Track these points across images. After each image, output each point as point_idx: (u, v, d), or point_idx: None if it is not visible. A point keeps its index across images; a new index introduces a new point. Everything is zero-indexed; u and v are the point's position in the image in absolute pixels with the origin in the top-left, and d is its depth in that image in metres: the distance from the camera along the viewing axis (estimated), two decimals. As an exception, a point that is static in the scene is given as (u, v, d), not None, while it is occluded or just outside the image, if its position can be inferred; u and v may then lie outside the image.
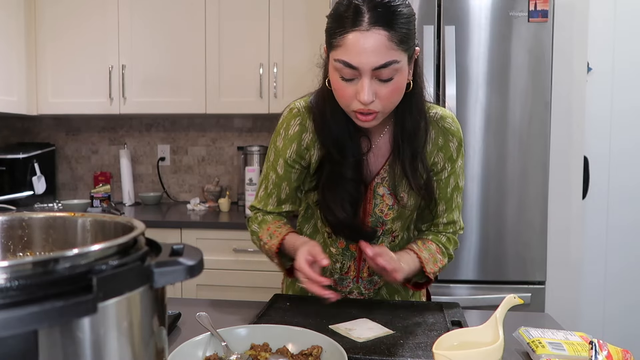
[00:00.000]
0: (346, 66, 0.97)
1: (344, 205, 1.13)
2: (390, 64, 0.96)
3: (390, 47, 0.96)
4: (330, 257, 1.27)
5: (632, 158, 2.78)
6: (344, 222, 1.15)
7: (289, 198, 1.24)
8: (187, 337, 0.87)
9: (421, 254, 1.16)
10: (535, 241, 2.12)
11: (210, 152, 3.11)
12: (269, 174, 1.23)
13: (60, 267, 0.38)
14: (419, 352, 0.91)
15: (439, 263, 1.20)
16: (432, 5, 2.08)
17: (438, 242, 1.22)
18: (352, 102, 1.01)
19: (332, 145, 1.12)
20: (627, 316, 2.78)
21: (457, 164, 1.20)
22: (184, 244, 0.51)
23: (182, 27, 2.71)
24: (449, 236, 1.25)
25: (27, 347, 0.35)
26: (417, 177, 1.13)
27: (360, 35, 0.95)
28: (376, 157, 1.18)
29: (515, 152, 2.10)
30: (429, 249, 1.19)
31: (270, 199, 1.24)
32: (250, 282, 2.41)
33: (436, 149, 1.17)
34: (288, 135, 1.18)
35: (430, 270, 1.16)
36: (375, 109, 1.01)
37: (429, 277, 1.18)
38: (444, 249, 1.22)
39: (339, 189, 1.13)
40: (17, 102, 2.71)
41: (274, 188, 1.23)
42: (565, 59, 2.22)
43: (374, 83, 0.98)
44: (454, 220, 1.24)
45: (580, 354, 0.87)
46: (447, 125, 1.17)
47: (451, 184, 1.21)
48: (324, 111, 1.12)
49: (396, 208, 1.19)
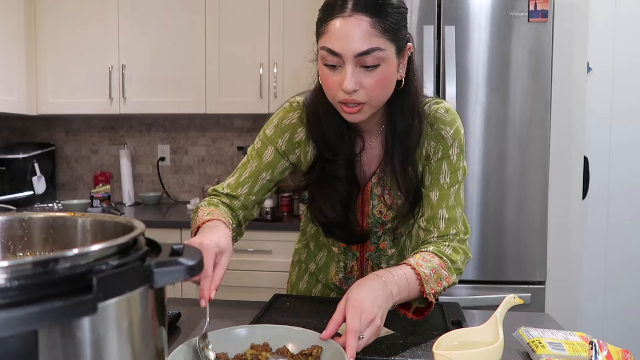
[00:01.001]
0: (329, 53, 0.96)
1: (334, 205, 1.11)
2: (372, 50, 0.94)
3: (373, 34, 0.94)
4: (333, 257, 1.26)
5: (632, 158, 2.78)
6: (333, 222, 1.13)
7: (262, 191, 1.16)
8: (187, 337, 0.87)
9: (420, 269, 0.97)
10: (535, 241, 2.11)
11: (210, 152, 3.11)
12: (250, 161, 1.16)
13: (60, 267, 0.38)
14: (419, 352, 0.91)
15: (444, 281, 1.01)
16: (432, 5, 2.08)
17: (441, 254, 1.05)
18: (337, 92, 0.98)
19: (323, 143, 1.10)
20: (627, 313, 2.78)
21: (452, 152, 1.10)
22: (184, 244, 0.51)
23: (182, 27, 2.71)
24: (455, 246, 1.08)
25: (27, 347, 0.35)
26: (406, 179, 1.09)
27: (342, 21, 0.94)
28: (371, 157, 1.15)
29: (515, 152, 2.10)
30: (430, 264, 1.00)
31: (240, 188, 1.15)
32: (251, 282, 2.41)
33: (428, 138, 1.11)
34: (281, 125, 1.15)
35: (430, 291, 0.97)
36: (360, 100, 0.98)
37: (429, 302, 0.99)
38: (450, 262, 1.05)
39: (330, 188, 1.11)
40: (17, 102, 2.71)
41: (250, 177, 1.15)
42: (565, 59, 2.22)
43: (358, 72, 0.96)
44: (455, 217, 1.09)
45: (580, 354, 0.87)
46: (438, 115, 1.10)
47: (444, 170, 1.10)
48: (317, 107, 1.10)
49: (394, 208, 1.16)
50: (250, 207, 1.17)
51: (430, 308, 1.00)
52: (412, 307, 1.03)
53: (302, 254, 1.35)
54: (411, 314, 1.03)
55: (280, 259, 2.36)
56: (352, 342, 0.83)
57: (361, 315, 0.85)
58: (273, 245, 2.40)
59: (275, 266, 2.38)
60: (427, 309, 1.01)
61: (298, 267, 1.37)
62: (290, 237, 2.22)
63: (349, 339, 0.83)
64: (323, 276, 1.29)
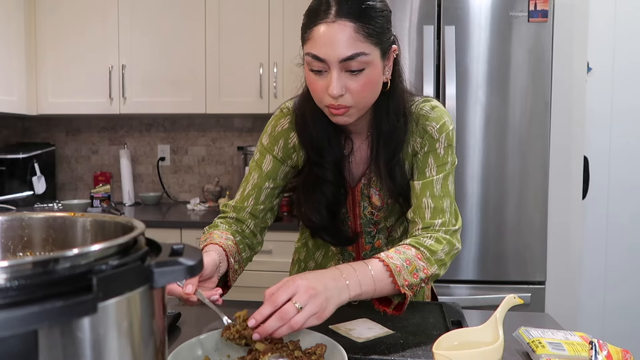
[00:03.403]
0: (314, 59, 0.96)
1: (319, 209, 1.12)
2: (357, 55, 0.94)
3: (357, 39, 0.94)
4: (332, 257, 1.27)
5: (632, 158, 2.78)
6: (318, 225, 1.14)
7: (269, 199, 1.19)
8: (187, 337, 0.87)
9: (390, 261, 0.94)
10: (535, 241, 2.12)
11: (210, 152, 3.11)
12: (251, 174, 1.19)
13: (60, 267, 0.38)
14: (419, 352, 0.90)
15: (421, 272, 0.97)
16: (432, 5, 2.08)
17: (420, 245, 1.01)
18: (324, 96, 0.99)
19: (310, 147, 1.11)
20: (627, 313, 2.78)
21: (438, 146, 1.08)
22: (184, 244, 0.51)
23: (182, 27, 2.71)
24: (438, 236, 1.03)
25: (27, 347, 0.35)
26: (391, 180, 1.09)
27: (326, 27, 0.94)
28: (361, 159, 1.16)
29: (515, 152, 2.10)
30: (404, 255, 0.97)
31: (247, 202, 1.18)
32: (251, 282, 2.41)
33: (414, 135, 1.11)
34: (275, 133, 1.17)
35: (403, 282, 0.93)
36: (347, 104, 0.98)
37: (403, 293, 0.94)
38: (429, 253, 1.01)
39: (316, 192, 1.12)
40: (17, 102, 2.71)
41: (253, 189, 1.17)
42: (565, 59, 2.22)
43: (344, 76, 0.96)
44: (442, 208, 1.05)
45: (580, 354, 0.87)
46: (423, 112, 1.10)
47: (431, 163, 1.09)
48: (305, 112, 1.11)
49: (385, 209, 1.17)
50: (260, 216, 1.20)
51: (406, 301, 0.96)
52: (393, 304, 1.00)
53: (302, 253, 1.35)
54: (391, 310, 0.99)
55: (280, 259, 2.36)
56: (265, 309, 0.81)
57: (296, 291, 0.82)
58: (273, 245, 2.41)
59: (275, 266, 2.38)
60: (399, 305, 0.99)
61: (297, 266, 1.37)
62: (290, 237, 2.22)
63: (263, 307, 0.82)
64: None
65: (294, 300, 0.81)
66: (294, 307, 0.81)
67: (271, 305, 0.82)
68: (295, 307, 0.81)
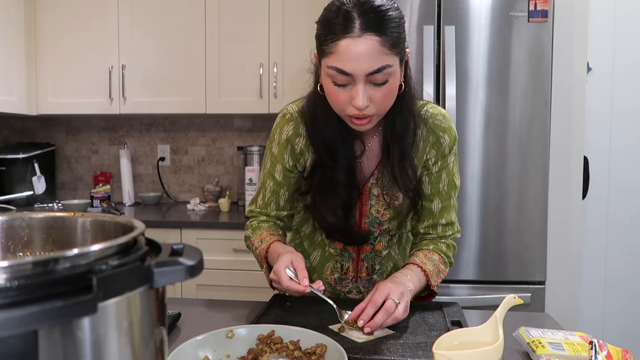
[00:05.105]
0: (339, 73, 0.97)
1: (335, 211, 1.14)
2: (383, 68, 0.96)
3: (383, 52, 0.95)
4: (330, 257, 1.28)
5: (632, 158, 2.78)
6: (335, 226, 1.16)
7: (288, 203, 1.25)
8: (187, 337, 0.87)
9: (425, 267, 1.14)
10: (535, 241, 2.11)
11: (210, 152, 3.11)
12: (267, 181, 1.24)
13: (60, 267, 0.38)
14: (419, 352, 0.91)
15: (442, 274, 1.18)
16: (432, 5, 2.08)
17: (439, 251, 1.20)
18: (347, 107, 1.01)
19: (324, 150, 1.13)
20: (627, 313, 2.78)
21: (450, 160, 1.18)
22: (184, 244, 0.51)
23: (182, 27, 2.71)
24: (449, 243, 1.22)
25: (27, 347, 0.35)
26: (404, 178, 1.12)
27: (352, 42, 0.94)
28: (370, 158, 1.18)
29: (515, 152, 2.10)
30: (432, 261, 1.16)
31: (269, 207, 1.25)
32: (251, 282, 2.41)
33: (428, 145, 1.16)
34: (282, 141, 1.19)
35: (434, 283, 1.15)
36: (370, 113, 1.01)
37: (433, 290, 1.17)
38: (446, 257, 1.20)
39: (331, 194, 1.14)
40: (17, 102, 2.71)
41: (272, 195, 1.24)
42: (565, 59, 2.22)
43: (368, 88, 0.98)
44: (452, 221, 1.21)
45: (580, 354, 0.87)
46: (437, 122, 1.16)
47: (444, 179, 1.18)
48: (316, 116, 1.13)
49: (392, 208, 1.18)
50: (285, 218, 1.28)
51: (434, 296, 1.20)
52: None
53: None
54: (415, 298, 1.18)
55: (280, 259, 2.36)
56: (369, 310, 0.97)
57: (389, 292, 0.99)
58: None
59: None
60: (427, 297, 1.20)
61: None
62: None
63: (367, 308, 0.98)
64: (317, 276, 1.30)
65: (392, 297, 0.99)
66: (394, 302, 0.98)
67: (373, 306, 0.98)
68: (394, 302, 0.98)
